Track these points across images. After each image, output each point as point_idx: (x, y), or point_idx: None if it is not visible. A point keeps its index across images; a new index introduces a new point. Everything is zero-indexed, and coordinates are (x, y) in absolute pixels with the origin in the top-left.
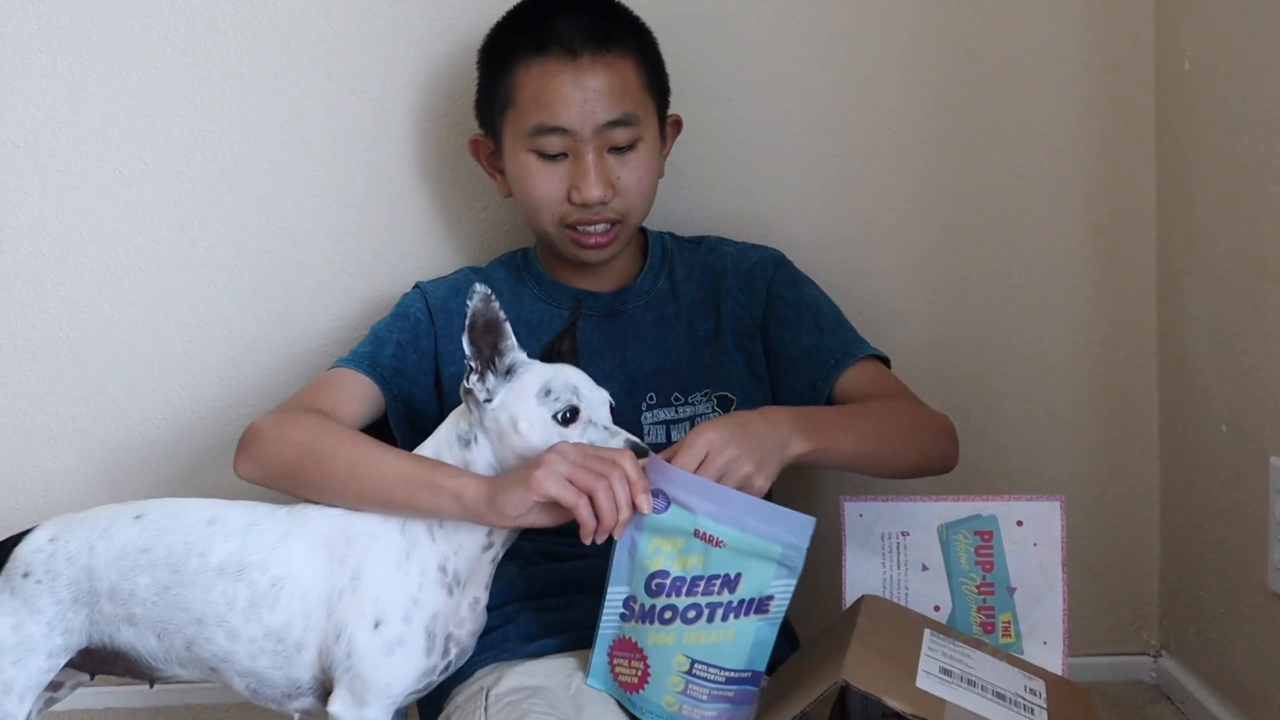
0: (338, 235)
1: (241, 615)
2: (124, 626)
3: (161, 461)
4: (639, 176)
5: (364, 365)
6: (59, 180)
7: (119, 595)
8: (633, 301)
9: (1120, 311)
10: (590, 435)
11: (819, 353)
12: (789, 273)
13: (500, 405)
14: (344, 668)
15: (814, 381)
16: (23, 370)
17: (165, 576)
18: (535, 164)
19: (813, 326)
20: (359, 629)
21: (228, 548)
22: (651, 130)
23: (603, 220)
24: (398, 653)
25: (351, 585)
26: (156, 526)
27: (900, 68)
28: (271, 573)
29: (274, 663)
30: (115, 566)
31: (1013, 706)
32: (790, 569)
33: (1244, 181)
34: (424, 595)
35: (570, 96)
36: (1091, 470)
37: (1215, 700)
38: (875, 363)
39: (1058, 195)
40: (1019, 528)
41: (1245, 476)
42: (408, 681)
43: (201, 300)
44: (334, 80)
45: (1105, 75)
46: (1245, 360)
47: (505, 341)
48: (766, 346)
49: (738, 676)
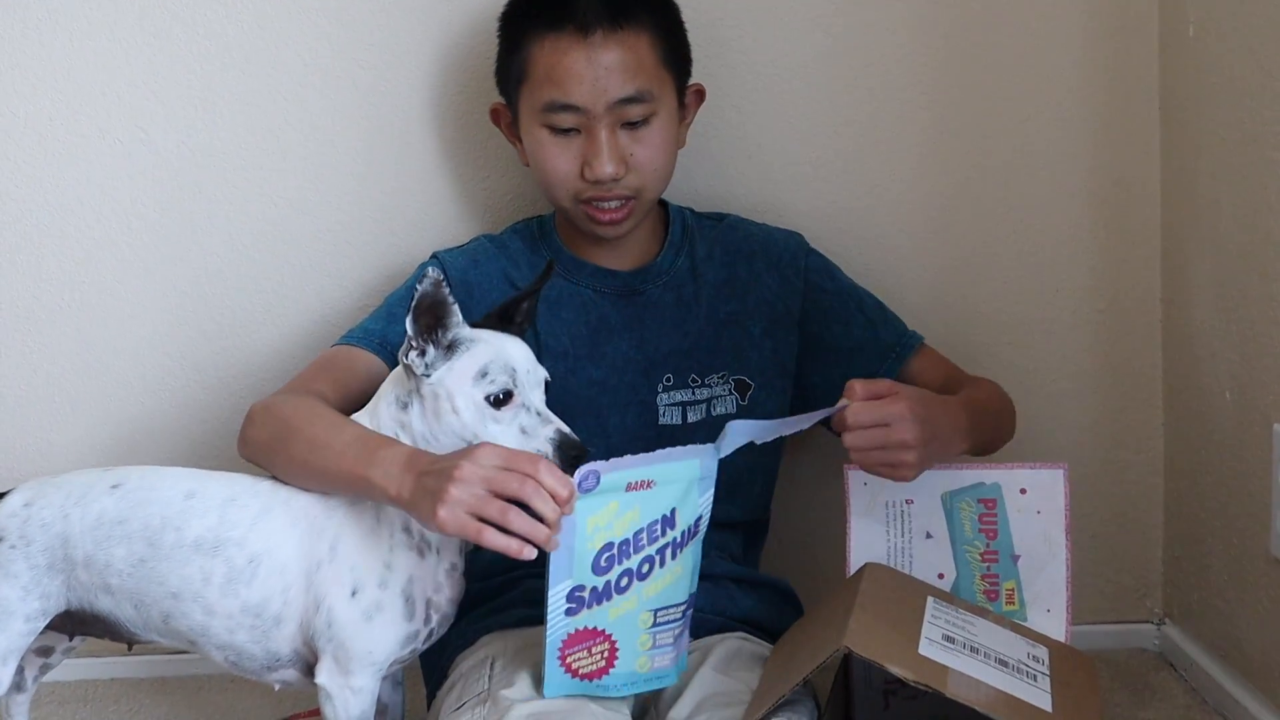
0: (340, 205)
1: (218, 591)
2: (101, 595)
3: (162, 431)
4: (653, 152)
5: (373, 343)
6: (60, 151)
7: (94, 565)
8: (652, 281)
9: (1124, 279)
10: (521, 419)
11: (875, 345)
12: (821, 261)
13: (437, 381)
14: (325, 638)
15: (872, 372)
16: (24, 340)
17: (141, 549)
18: (549, 139)
19: (861, 318)
20: (337, 599)
21: (205, 523)
22: (668, 105)
23: (617, 196)
24: (376, 619)
25: (330, 555)
26: (134, 498)
27: (903, 36)
28: (249, 549)
29: (252, 636)
30: (90, 536)
31: (1015, 673)
32: (709, 480)
33: (1248, 148)
34: (395, 559)
35: (582, 73)
36: (1095, 438)
37: (1218, 667)
38: (926, 347)
39: (1061, 163)
40: (1022, 495)
41: (1249, 444)
42: (390, 647)
43: (203, 270)
44: (336, 49)
45: (1109, 42)
46: (1249, 327)
47: (450, 319)
48: (810, 338)
49: (687, 604)
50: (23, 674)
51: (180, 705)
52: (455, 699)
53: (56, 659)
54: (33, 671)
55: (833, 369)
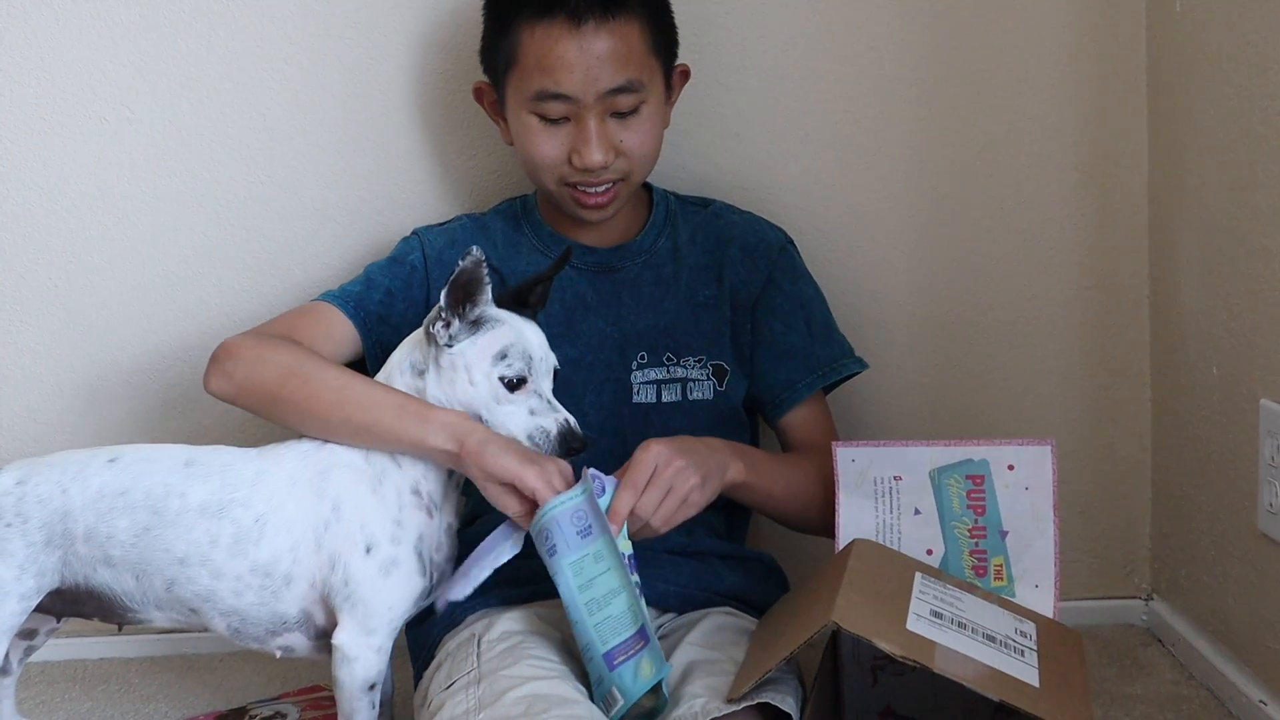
0: (326, 183)
1: (226, 552)
2: (100, 568)
3: (150, 410)
4: (642, 138)
5: (349, 306)
6: (45, 130)
7: (96, 538)
8: (630, 259)
9: (1111, 255)
10: (531, 403)
11: (808, 357)
12: (792, 261)
13: (459, 353)
14: (343, 595)
15: (794, 381)
16: (11, 319)
17: (146, 518)
18: (537, 126)
19: (803, 326)
20: (352, 556)
21: (207, 487)
22: (656, 91)
23: (604, 181)
24: (393, 574)
25: (335, 515)
26: (133, 470)
27: (891, 13)
28: (255, 509)
29: (260, 598)
30: (92, 509)
31: (1003, 649)
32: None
33: (1235, 123)
34: (405, 517)
35: (574, 63)
36: (1083, 414)
37: (1206, 642)
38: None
39: (1049, 139)
40: (1010, 471)
41: (1235, 419)
42: (407, 604)
43: (189, 249)
44: (320, 27)
45: (1096, 18)
46: (1236, 303)
47: (481, 296)
48: (754, 327)
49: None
50: (8, 658)
51: (170, 684)
52: (445, 678)
53: (41, 640)
54: (17, 654)
55: (767, 365)
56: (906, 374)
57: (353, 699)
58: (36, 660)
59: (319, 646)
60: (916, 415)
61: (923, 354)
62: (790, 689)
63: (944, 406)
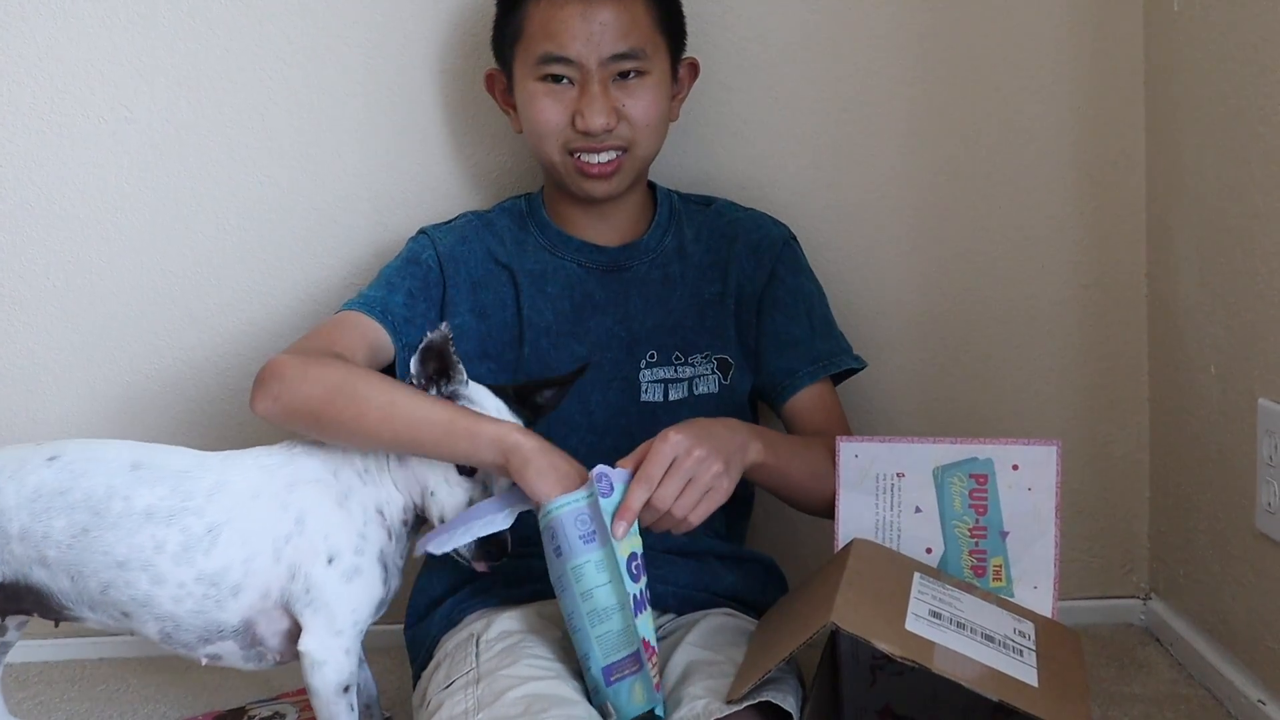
0: (327, 184)
1: (171, 559)
2: (36, 567)
3: (148, 411)
4: (645, 106)
5: (376, 311)
6: (44, 130)
7: (30, 537)
8: (638, 258)
9: (1110, 254)
10: (473, 494)
11: (809, 348)
12: (794, 256)
13: None
14: (304, 602)
15: (795, 369)
16: (9, 320)
17: (85, 519)
18: (541, 90)
19: (805, 319)
20: (313, 566)
21: (155, 493)
22: (661, 68)
23: (608, 149)
24: (356, 580)
25: (298, 528)
26: (75, 469)
27: (889, 12)
28: (208, 518)
29: (201, 606)
30: (27, 509)
31: (1002, 649)
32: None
33: (1233, 122)
34: (369, 531)
35: (577, 29)
36: (1081, 413)
37: (1204, 642)
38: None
39: (1047, 138)
40: (1014, 471)
41: (1233, 418)
42: (369, 610)
43: (189, 250)
44: (322, 27)
45: (1094, 17)
46: (1234, 302)
47: (454, 373)
48: (759, 321)
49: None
50: None
51: (169, 684)
52: (444, 678)
53: (13, 637)
54: None
55: (772, 356)
56: (904, 373)
57: (329, 704)
58: (36, 661)
59: (249, 656)
60: (914, 414)
61: (921, 353)
62: (790, 689)
63: (941, 405)
